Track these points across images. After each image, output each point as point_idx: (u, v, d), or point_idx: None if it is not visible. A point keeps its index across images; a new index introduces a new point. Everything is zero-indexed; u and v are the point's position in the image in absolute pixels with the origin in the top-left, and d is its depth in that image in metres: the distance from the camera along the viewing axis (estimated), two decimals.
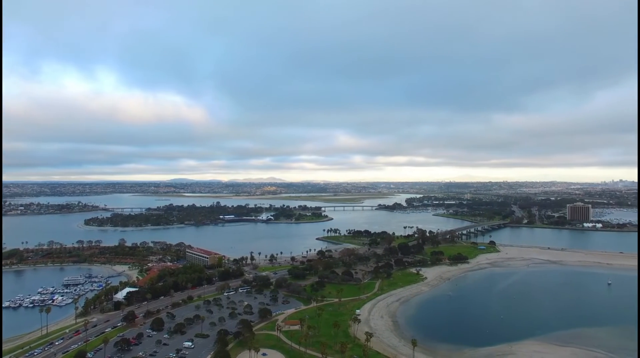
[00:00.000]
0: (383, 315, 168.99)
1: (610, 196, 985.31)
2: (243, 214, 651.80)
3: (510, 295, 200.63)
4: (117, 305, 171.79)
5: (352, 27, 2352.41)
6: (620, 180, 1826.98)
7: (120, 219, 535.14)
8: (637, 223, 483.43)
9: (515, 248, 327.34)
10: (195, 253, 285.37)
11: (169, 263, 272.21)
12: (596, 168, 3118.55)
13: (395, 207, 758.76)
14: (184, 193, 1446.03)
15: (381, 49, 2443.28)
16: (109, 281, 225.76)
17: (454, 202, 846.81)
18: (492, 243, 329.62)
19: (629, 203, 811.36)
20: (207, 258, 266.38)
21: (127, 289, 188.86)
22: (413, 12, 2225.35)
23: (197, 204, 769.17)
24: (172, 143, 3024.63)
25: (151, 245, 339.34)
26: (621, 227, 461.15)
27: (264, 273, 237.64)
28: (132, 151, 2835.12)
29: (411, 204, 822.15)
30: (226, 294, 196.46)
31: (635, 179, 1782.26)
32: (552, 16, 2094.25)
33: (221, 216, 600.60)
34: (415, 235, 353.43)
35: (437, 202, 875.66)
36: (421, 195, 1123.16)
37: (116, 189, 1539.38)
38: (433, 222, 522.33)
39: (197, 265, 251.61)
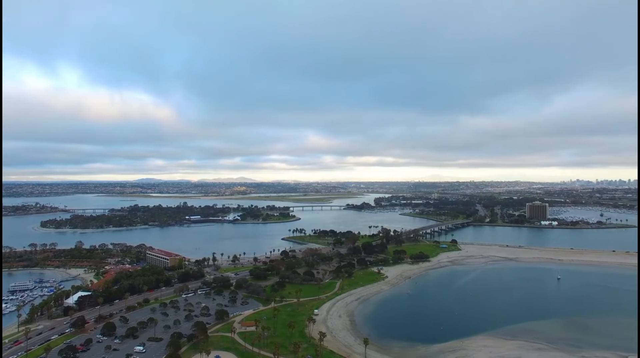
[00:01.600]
0: (341, 315, 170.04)
1: (567, 195, 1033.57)
2: (210, 214, 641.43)
3: (466, 292, 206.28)
4: (67, 311, 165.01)
5: (321, 28, 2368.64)
6: (577, 180, 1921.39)
7: (81, 221, 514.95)
8: (590, 221, 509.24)
9: (476, 246, 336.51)
10: (156, 254, 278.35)
11: (127, 266, 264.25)
12: (556, 168, 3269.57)
13: (364, 207, 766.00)
14: (151, 193, 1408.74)
15: (350, 50, 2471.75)
16: (61, 286, 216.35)
17: (421, 202, 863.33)
18: (454, 241, 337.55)
19: (583, 201, 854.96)
20: (168, 259, 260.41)
21: (80, 293, 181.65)
22: (381, 15, 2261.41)
23: (164, 205, 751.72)
24: (139, 142, 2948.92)
25: (110, 247, 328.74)
26: (574, 224, 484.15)
27: (225, 274, 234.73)
28: (97, 150, 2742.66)
29: (379, 204, 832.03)
30: (184, 296, 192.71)
31: (590, 179, 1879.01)
32: (511, 24, 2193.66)
33: (187, 217, 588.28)
34: (380, 235, 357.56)
35: (404, 202, 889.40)
36: (390, 195, 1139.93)
37: (79, 189, 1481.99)
38: (399, 221, 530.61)
39: (156, 267, 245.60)
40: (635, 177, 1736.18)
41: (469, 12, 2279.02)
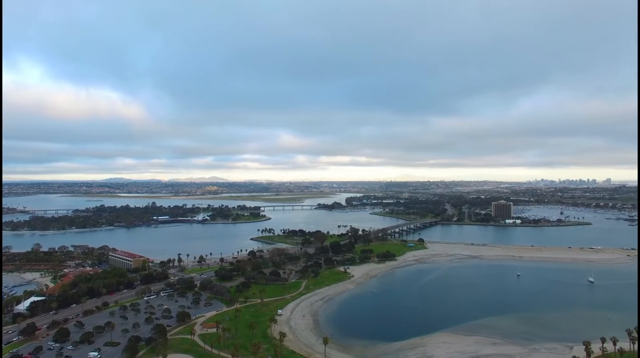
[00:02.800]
0: (305, 314, 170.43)
1: (532, 194, 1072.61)
2: (179, 214, 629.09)
3: (430, 290, 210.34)
4: (15, 318, 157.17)
5: (294, 27, 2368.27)
6: (542, 179, 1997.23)
7: (41, 223, 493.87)
8: (550, 219, 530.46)
9: (442, 244, 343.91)
10: (119, 256, 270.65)
11: (88, 268, 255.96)
12: (522, 168, 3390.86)
13: (335, 206, 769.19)
14: (119, 193, 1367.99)
15: (323, 50, 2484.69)
16: (13, 292, 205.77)
17: (391, 201, 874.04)
18: (421, 240, 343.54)
19: (546, 200, 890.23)
20: (131, 261, 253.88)
21: (33, 299, 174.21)
22: (354, 16, 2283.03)
23: (132, 205, 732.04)
24: (107, 140, 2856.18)
25: (71, 249, 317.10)
26: (536, 223, 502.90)
27: (190, 276, 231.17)
28: (61, 148, 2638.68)
29: (350, 204, 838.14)
30: (146, 298, 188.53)
31: (553, 179, 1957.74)
32: (479, 28, 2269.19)
33: (155, 217, 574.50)
34: (349, 234, 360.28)
35: (375, 201, 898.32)
36: (361, 194, 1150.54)
37: (41, 189, 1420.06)
38: (369, 221, 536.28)
39: (119, 269, 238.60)
40: (594, 177, 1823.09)
41: (439, 15, 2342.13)
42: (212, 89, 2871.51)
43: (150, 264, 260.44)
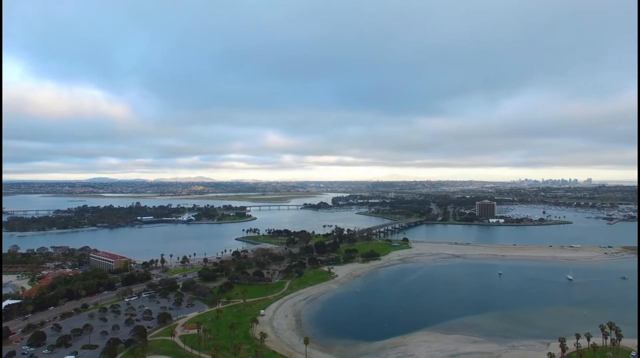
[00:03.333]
0: (287, 314, 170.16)
1: (516, 193, 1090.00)
2: (164, 215, 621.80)
3: (413, 289, 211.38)
4: None
5: (281, 27, 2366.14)
6: (526, 179, 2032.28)
7: (20, 224, 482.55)
8: (533, 218, 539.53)
9: (427, 244, 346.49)
10: (100, 257, 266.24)
11: (68, 270, 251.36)
12: (507, 168, 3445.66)
13: (321, 206, 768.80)
14: (104, 193, 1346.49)
15: (310, 50, 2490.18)
16: None
17: (377, 201, 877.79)
18: (406, 240, 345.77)
19: (529, 199, 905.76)
20: (112, 262, 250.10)
21: (8, 302, 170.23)
22: (340, 16, 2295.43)
23: (116, 205, 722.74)
24: (91, 139, 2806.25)
25: (51, 250, 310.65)
26: (519, 222, 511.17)
27: (172, 276, 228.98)
28: (43, 147, 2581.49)
29: (336, 203, 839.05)
30: (127, 300, 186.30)
31: (537, 179, 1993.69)
32: (463, 30, 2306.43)
33: (139, 218, 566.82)
34: (334, 234, 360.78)
35: (362, 201, 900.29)
36: (348, 194, 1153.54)
37: (22, 189, 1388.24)
38: (355, 220, 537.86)
39: (100, 270, 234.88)
40: (576, 177, 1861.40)
41: (424, 17, 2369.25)
42: (199, 89, 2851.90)
43: (133, 265, 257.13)
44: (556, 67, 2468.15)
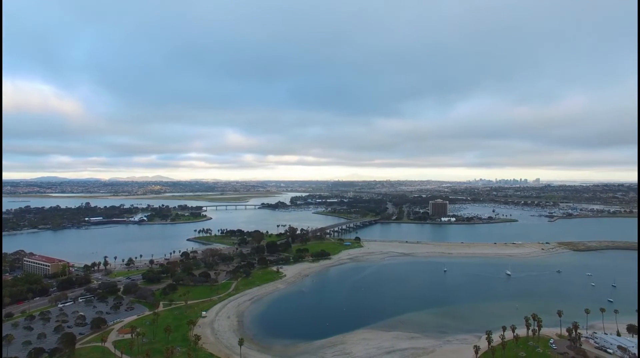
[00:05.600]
0: (230, 315, 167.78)
1: (470, 193, 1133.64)
2: (115, 215, 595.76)
3: (359, 288, 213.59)
4: None
5: (236, 26, 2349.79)
6: (481, 179, 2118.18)
7: None
8: (482, 217, 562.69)
9: (378, 242, 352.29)
10: (36, 261, 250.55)
11: None
12: (464, 168, 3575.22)
13: (278, 206, 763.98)
14: (51, 193, 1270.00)
15: (266, 50, 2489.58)
16: None
17: (336, 200, 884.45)
18: (358, 239, 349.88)
19: (481, 198, 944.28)
20: (49, 266, 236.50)
21: None
22: (295, 17, 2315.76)
23: (63, 206, 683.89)
24: (38, 136, 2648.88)
25: None
26: (469, 220, 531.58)
27: (115, 279, 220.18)
28: None
29: (294, 203, 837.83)
30: (60, 305, 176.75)
31: (491, 178, 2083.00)
32: (414, 35, 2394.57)
33: (87, 218, 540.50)
34: (287, 233, 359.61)
35: (320, 200, 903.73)
36: (307, 194, 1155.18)
37: None
38: (312, 220, 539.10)
39: (33, 275, 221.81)
40: (526, 177, 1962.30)
41: (377, 21, 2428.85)
42: (154, 86, 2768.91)
43: (73, 268, 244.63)
44: (503, 73, 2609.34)
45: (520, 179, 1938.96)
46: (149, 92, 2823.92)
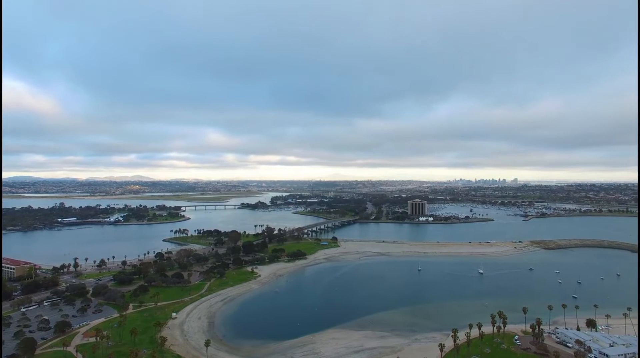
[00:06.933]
0: (201, 317, 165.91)
1: (449, 193, 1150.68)
2: (90, 216, 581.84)
3: (333, 288, 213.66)
4: None
5: (216, 26, 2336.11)
6: (460, 179, 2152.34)
7: None
8: (460, 216, 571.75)
9: (355, 242, 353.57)
10: None
11: None
12: (444, 168, 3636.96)
13: (258, 206, 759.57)
14: (24, 193, 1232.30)
15: (246, 50, 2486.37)
16: None
17: (316, 200, 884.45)
18: (334, 238, 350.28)
19: (460, 198, 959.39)
20: (14, 269, 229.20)
21: None
22: (275, 18, 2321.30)
23: (35, 206, 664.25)
24: (10, 134, 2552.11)
25: None
26: (446, 220, 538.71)
27: (84, 281, 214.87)
28: None
29: (274, 203, 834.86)
30: (23, 310, 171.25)
31: (470, 178, 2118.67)
32: (393, 37, 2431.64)
33: (60, 219, 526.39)
34: (265, 233, 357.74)
35: (300, 200, 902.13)
36: (287, 194, 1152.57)
37: None
38: (290, 220, 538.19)
39: None
40: (504, 177, 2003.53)
41: (357, 22, 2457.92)
42: (133, 85, 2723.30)
43: (40, 271, 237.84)
44: (480, 76, 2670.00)
45: (499, 179, 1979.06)
46: (128, 90, 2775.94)
